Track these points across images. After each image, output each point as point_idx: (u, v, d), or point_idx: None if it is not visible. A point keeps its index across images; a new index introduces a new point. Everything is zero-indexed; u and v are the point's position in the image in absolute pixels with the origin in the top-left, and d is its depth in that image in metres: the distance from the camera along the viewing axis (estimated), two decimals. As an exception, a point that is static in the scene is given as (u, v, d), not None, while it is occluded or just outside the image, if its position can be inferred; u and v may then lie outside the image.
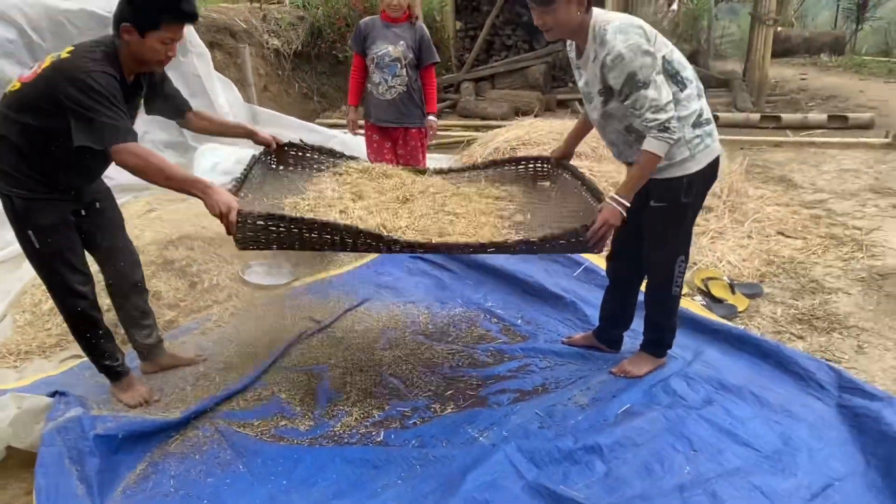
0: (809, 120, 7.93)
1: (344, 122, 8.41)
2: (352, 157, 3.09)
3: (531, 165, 3.01)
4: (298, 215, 2.30)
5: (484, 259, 3.77)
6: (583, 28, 2.30)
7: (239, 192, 2.41)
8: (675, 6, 18.95)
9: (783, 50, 15.80)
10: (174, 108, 2.67)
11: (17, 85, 2.28)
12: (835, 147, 6.81)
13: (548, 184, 2.92)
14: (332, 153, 3.06)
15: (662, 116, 2.20)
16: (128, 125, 2.20)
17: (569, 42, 2.49)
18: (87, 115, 2.11)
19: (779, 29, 15.87)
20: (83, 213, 2.51)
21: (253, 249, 2.34)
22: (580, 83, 2.49)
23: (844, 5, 18.65)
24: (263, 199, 2.56)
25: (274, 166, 2.91)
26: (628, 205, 2.31)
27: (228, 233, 2.24)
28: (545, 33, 2.36)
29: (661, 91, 2.20)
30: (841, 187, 5.41)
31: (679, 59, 2.32)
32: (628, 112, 2.29)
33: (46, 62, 2.25)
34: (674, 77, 2.29)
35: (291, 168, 2.95)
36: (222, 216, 2.19)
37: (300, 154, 2.99)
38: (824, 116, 7.94)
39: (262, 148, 2.87)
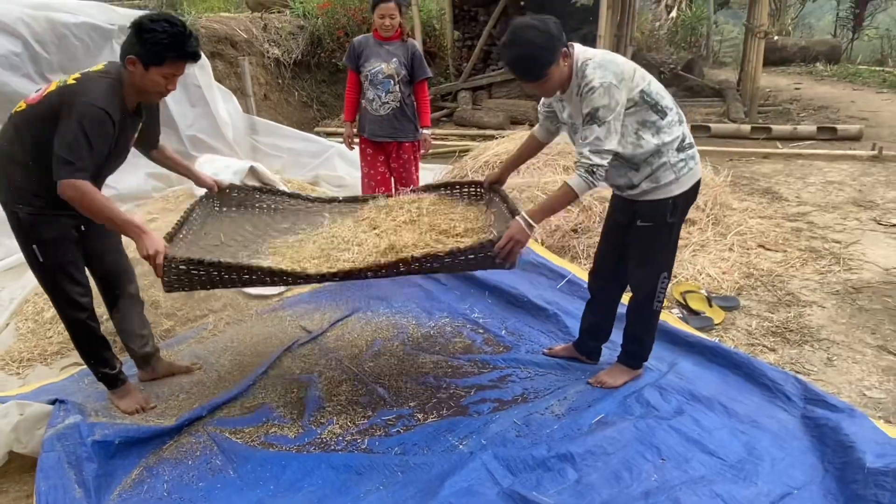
0: (799, 131, 8.05)
1: (342, 130, 8.59)
2: (293, 195, 3.28)
3: (465, 189, 3.16)
4: (218, 259, 2.45)
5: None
6: (569, 71, 2.44)
7: (178, 234, 2.59)
8: (673, 13, 19.11)
9: (779, 58, 15.95)
10: (149, 139, 2.80)
11: (23, 106, 2.42)
12: (822, 159, 6.93)
13: (484, 207, 3.05)
14: (273, 192, 3.26)
15: (595, 160, 2.35)
16: (86, 164, 2.28)
17: None
18: (60, 141, 2.25)
19: (775, 38, 16.01)
20: (83, 227, 2.64)
21: (178, 291, 2.50)
22: (563, 115, 2.61)
23: (841, 14, 18.77)
24: (201, 241, 2.74)
25: (217, 208, 3.07)
26: (535, 225, 2.46)
27: (157, 275, 2.38)
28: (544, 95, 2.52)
29: (609, 136, 2.34)
30: (824, 200, 5.53)
31: (657, 89, 2.46)
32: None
33: (52, 86, 2.40)
34: (654, 107, 2.43)
35: (234, 209, 3.12)
36: (150, 258, 2.33)
37: (242, 195, 3.16)
38: (814, 128, 8.06)
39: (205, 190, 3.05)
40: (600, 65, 2.36)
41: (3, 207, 2.51)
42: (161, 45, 2.33)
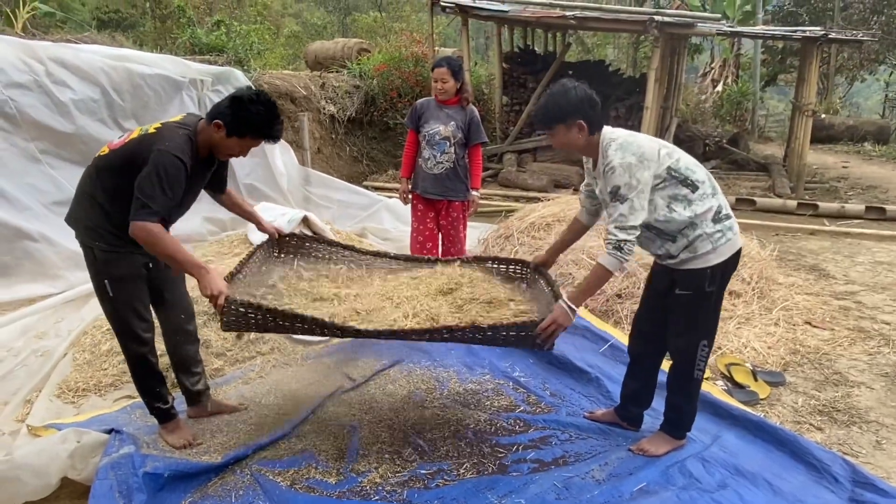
0: (847, 209, 8.00)
1: (389, 185, 8.84)
2: (347, 247, 3.40)
3: (511, 267, 3.26)
4: (275, 306, 2.57)
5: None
6: (592, 146, 2.61)
7: (237, 274, 2.73)
8: (719, 87, 19.33)
9: (826, 136, 15.92)
10: (219, 186, 2.99)
11: (106, 150, 2.62)
12: (870, 238, 6.85)
13: (524, 286, 3.14)
14: (329, 243, 3.40)
15: (621, 235, 2.45)
16: (159, 209, 2.43)
17: (585, 157, 2.77)
18: (139, 185, 2.42)
19: (822, 116, 16.02)
20: (151, 266, 2.79)
21: (235, 331, 2.62)
22: (597, 191, 2.74)
23: (890, 95, 18.73)
24: (259, 284, 2.87)
25: (276, 254, 3.24)
26: (577, 309, 2.55)
27: (220, 316, 2.53)
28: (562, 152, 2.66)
29: (633, 212, 2.45)
30: (873, 280, 5.45)
31: (686, 163, 2.55)
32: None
33: (135, 134, 2.59)
34: (684, 181, 2.52)
35: (292, 256, 3.27)
36: (212, 298, 2.47)
37: (300, 243, 3.32)
38: (862, 207, 8.00)
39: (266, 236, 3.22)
40: (621, 146, 2.49)
41: (80, 244, 2.68)
42: (251, 125, 2.54)
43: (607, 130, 2.59)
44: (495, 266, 3.27)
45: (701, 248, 2.55)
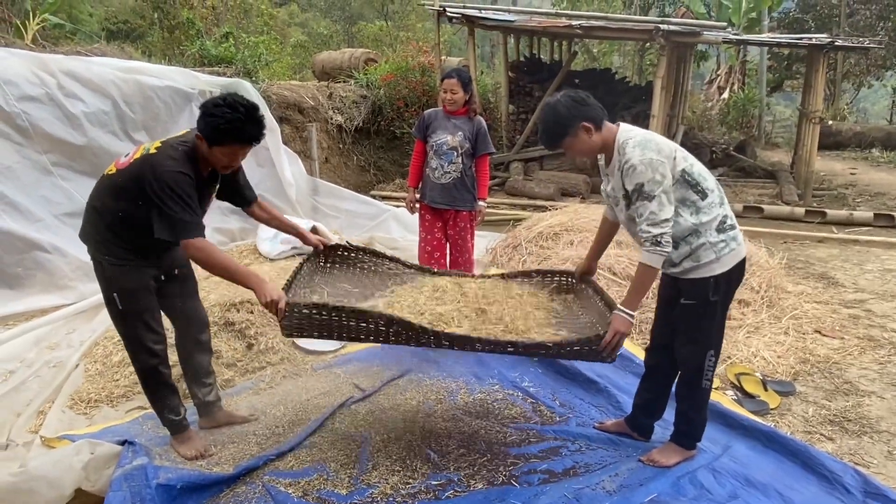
0: (855, 217, 7.97)
1: (397, 194, 8.88)
2: (393, 259, 3.39)
3: (557, 278, 3.26)
4: (341, 303, 2.59)
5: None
6: (607, 144, 2.60)
7: (291, 286, 2.74)
8: (725, 94, 19.32)
9: (834, 143, 15.87)
10: (242, 197, 3.00)
11: (113, 169, 2.65)
12: (879, 246, 6.83)
13: (571, 296, 3.15)
14: (374, 254, 3.39)
15: (655, 231, 2.44)
16: (197, 220, 2.50)
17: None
18: (165, 210, 2.45)
19: (829, 122, 15.99)
20: (163, 278, 2.81)
21: (297, 336, 2.62)
22: (608, 188, 2.74)
23: (898, 101, 18.70)
24: (312, 295, 2.87)
25: (322, 264, 3.25)
26: (634, 314, 2.54)
27: (279, 320, 2.54)
28: (580, 157, 2.67)
29: (662, 207, 2.44)
30: (883, 288, 5.43)
31: (699, 170, 2.56)
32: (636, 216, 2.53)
33: (138, 153, 2.61)
34: (694, 187, 2.53)
35: (338, 267, 3.28)
36: (272, 304, 2.48)
37: (346, 254, 3.33)
38: (870, 214, 7.97)
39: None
40: (639, 144, 2.49)
41: (90, 257, 2.71)
42: (219, 131, 2.49)
43: (624, 128, 2.59)
44: (541, 279, 3.27)
45: (704, 257, 2.55)
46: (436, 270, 3.39)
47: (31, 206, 4.93)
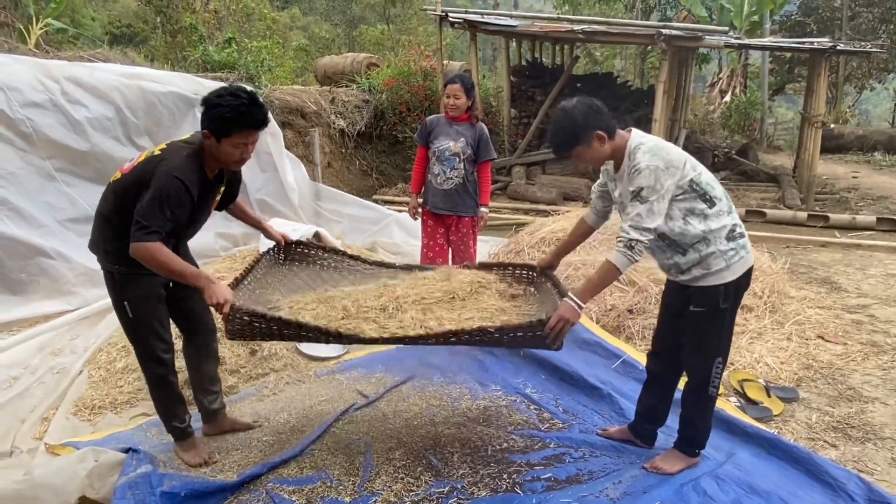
0: (858, 221, 7.97)
1: (399, 199, 8.89)
2: (354, 257, 3.42)
3: (518, 271, 3.26)
4: (279, 315, 2.58)
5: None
6: (618, 151, 2.60)
7: (242, 281, 2.76)
8: (727, 97, 19.31)
9: (836, 146, 15.85)
10: (230, 197, 3.03)
11: (119, 175, 2.67)
12: (882, 250, 6.82)
13: (532, 289, 3.14)
14: (336, 252, 3.42)
15: (634, 235, 2.45)
16: (160, 229, 2.46)
17: None
18: (139, 208, 2.46)
19: (831, 126, 15.97)
20: (171, 286, 2.82)
21: (240, 340, 2.64)
22: (615, 194, 2.74)
23: (900, 104, 18.67)
24: (263, 291, 2.89)
25: (281, 261, 3.27)
26: (583, 305, 2.54)
27: (224, 324, 2.55)
28: (591, 166, 2.68)
29: (651, 215, 2.45)
30: (886, 293, 5.43)
31: (708, 179, 2.56)
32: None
33: (143, 156, 2.64)
34: (703, 196, 2.53)
35: (297, 264, 3.30)
36: (217, 307, 2.48)
37: (306, 251, 3.35)
38: (873, 218, 7.97)
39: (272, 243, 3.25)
40: (650, 150, 2.50)
41: (100, 267, 2.73)
42: (225, 119, 2.50)
43: (636, 134, 2.60)
44: (501, 271, 3.27)
45: (714, 265, 2.56)
46: (397, 265, 3.40)
47: (35, 212, 4.94)
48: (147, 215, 2.44)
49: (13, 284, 4.72)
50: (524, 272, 3.25)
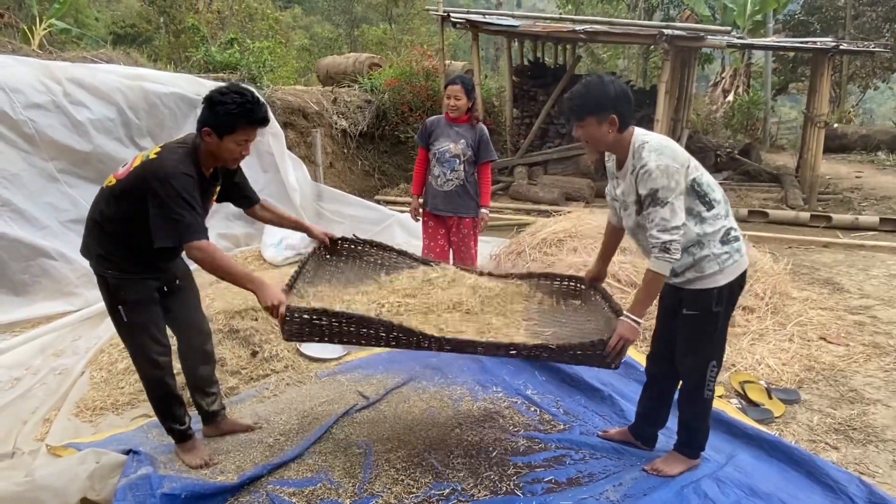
0: (861, 221, 7.94)
1: (401, 199, 8.89)
2: (401, 252, 3.37)
3: (566, 283, 3.24)
4: (342, 308, 2.57)
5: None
6: (621, 144, 2.58)
7: (294, 285, 2.74)
8: (730, 97, 19.28)
9: (839, 146, 15.80)
10: (243, 197, 3.01)
11: (112, 181, 2.66)
12: (885, 251, 6.80)
13: (578, 302, 3.14)
14: (381, 247, 3.37)
15: (665, 237, 2.43)
16: (200, 222, 2.50)
17: (608, 154, 2.75)
18: (170, 214, 2.45)
19: (835, 125, 15.93)
20: (165, 289, 2.83)
21: (298, 341, 2.62)
22: (617, 192, 2.73)
23: (904, 103, 18.59)
24: (315, 292, 2.86)
25: (328, 258, 3.24)
26: (641, 321, 2.52)
27: (279, 325, 2.55)
28: (584, 145, 2.65)
29: (674, 214, 2.43)
30: (888, 294, 5.41)
31: (708, 181, 2.56)
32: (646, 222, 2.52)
33: (137, 161, 2.62)
34: (702, 198, 2.52)
35: (344, 260, 3.28)
36: (273, 309, 2.49)
37: (352, 247, 3.32)
38: (876, 218, 7.94)
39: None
40: (656, 148, 2.48)
41: (93, 271, 2.72)
42: (231, 116, 2.52)
43: (639, 132, 2.57)
44: (549, 282, 3.26)
45: (708, 268, 2.55)
46: (444, 264, 3.33)
47: (37, 213, 4.96)
48: (184, 215, 2.44)
49: (15, 285, 4.74)
50: (571, 284, 3.23)
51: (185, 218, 2.45)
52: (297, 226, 3.18)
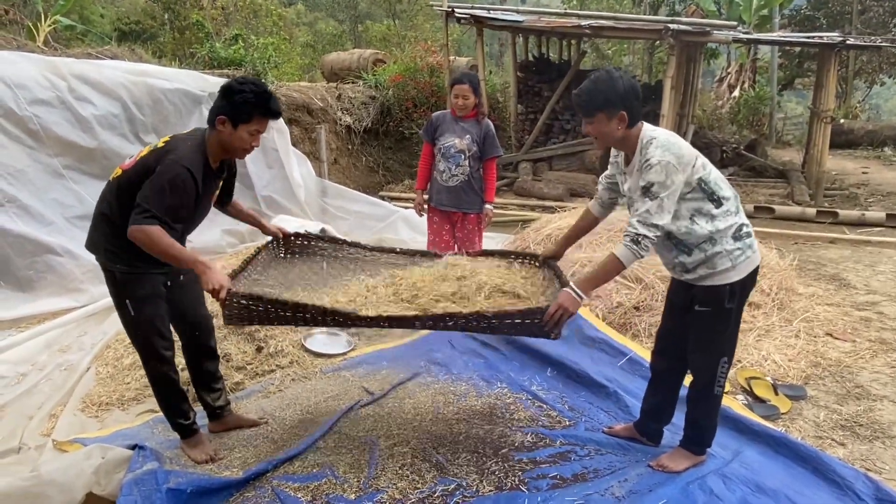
0: (867, 217, 7.90)
1: (406, 195, 8.88)
2: (353, 244, 3.41)
3: (521, 260, 3.24)
4: (276, 296, 2.60)
5: (530, 342, 3.93)
6: (629, 140, 2.57)
7: (241, 273, 2.77)
8: (735, 93, 19.20)
9: (845, 141, 15.73)
10: (229, 195, 3.04)
11: (119, 172, 2.67)
12: (892, 247, 6.77)
13: (536, 278, 3.09)
14: (333, 240, 3.41)
15: (641, 230, 2.42)
16: (162, 217, 2.46)
17: (615, 150, 2.74)
18: (142, 193, 2.47)
19: (841, 121, 15.85)
20: (169, 284, 2.83)
21: (237, 325, 2.64)
22: (624, 188, 2.71)
23: (911, 99, 18.48)
24: (264, 282, 2.89)
25: (282, 255, 3.27)
26: (584, 296, 2.51)
27: (222, 310, 2.57)
28: (593, 141, 2.64)
29: (660, 210, 2.42)
30: (895, 290, 5.38)
31: (716, 179, 2.54)
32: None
33: (145, 151, 2.66)
34: (710, 196, 2.51)
35: (297, 256, 3.30)
36: (214, 292, 2.49)
37: (305, 243, 3.34)
38: (883, 214, 7.90)
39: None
40: (662, 145, 2.46)
41: (101, 267, 2.73)
42: (249, 104, 2.57)
43: (647, 127, 2.56)
44: (505, 259, 3.26)
45: (720, 264, 2.54)
46: (398, 250, 3.39)
47: (43, 209, 4.98)
48: (150, 200, 2.45)
49: (21, 281, 4.75)
50: (527, 261, 3.23)
51: (147, 200, 2.45)
52: (252, 220, 3.20)
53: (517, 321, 2.54)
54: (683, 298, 2.71)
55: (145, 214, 2.44)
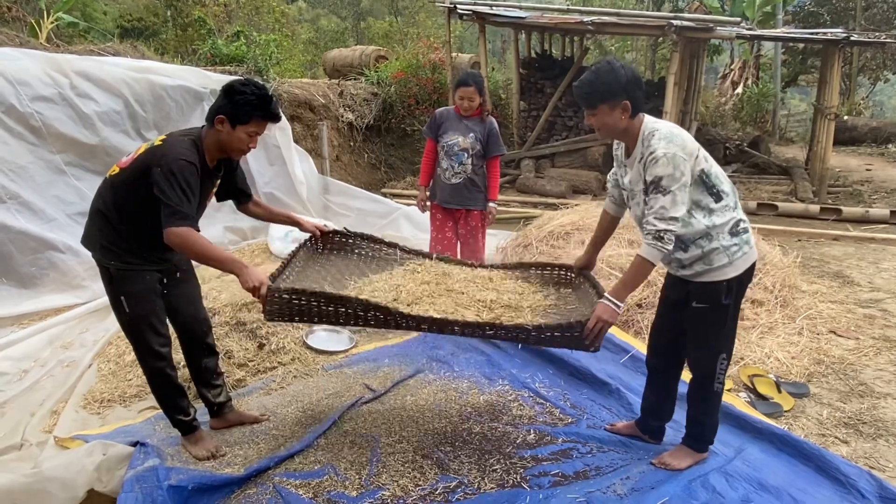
0: (871, 214, 7.88)
1: (408, 192, 8.88)
2: (392, 245, 3.39)
3: (556, 272, 3.23)
4: (319, 289, 2.60)
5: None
6: (631, 131, 2.54)
7: (281, 274, 2.76)
8: (739, 89, 19.13)
9: (849, 138, 15.68)
10: (239, 191, 3.03)
11: (116, 170, 2.67)
12: (896, 244, 6.75)
13: (570, 290, 3.12)
14: (373, 240, 3.38)
15: (661, 225, 2.40)
16: (189, 211, 2.49)
17: (616, 142, 2.72)
18: (161, 195, 2.47)
19: (845, 117, 15.79)
20: (165, 281, 2.82)
21: (279, 321, 2.64)
22: (625, 181, 2.69)
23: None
24: (304, 281, 2.88)
25: (320, 251, 3.26)
26: (621, 304, 2.49)
27: (262, 306, 2.57)
28: (596, 132, 2.62)
29: (675, 204, 2.39)
30: (899, 287, 5.37)
31: (717, 173, 2.52)
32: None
33: (141, 150, 2.65)
34: (710, 189, 2.49)
35: (335, 253, 3.29)
36: (254, 290, 2.51)
37: (344, 240, 3.33)
38: (887, 211, 7.88)
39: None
40: (665, 136, 2.44)
41: (96, 263, 2.73)
42: (249, 106, 2.58)
43: (649, 119, 2.54)
44: (539, 271, 3.25)
45: (717, 260, 2.52)
46: (435, 255, 3.37)
47: (45, 206, 4.98)
48: (175, 201, 2.46)
49: (23, 278, 4.76)
50: (562, 272, 3.22)
51: (173, 202, 2.45)
52: (288, 220, 3.21)
53: (557, 335, 2.54)
54: (679, 294, 2.70)
55: (176, 216, 2.46)
